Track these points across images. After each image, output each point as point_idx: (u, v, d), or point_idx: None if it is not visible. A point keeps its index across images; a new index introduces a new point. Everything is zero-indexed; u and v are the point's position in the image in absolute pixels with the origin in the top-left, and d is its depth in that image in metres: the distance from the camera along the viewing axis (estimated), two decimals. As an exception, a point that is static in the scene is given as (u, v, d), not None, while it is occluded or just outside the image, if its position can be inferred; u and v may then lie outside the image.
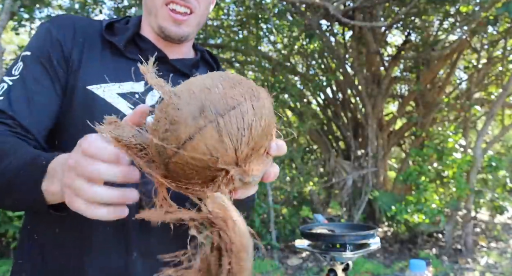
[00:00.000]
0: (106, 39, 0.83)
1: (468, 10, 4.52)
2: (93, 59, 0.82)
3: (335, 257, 1.03)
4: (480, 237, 5.13)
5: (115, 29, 0.86)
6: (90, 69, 0.80)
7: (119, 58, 0.84)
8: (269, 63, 5.27)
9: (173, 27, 0.83)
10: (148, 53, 0.80)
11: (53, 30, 0.81)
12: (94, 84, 0.79)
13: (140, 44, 0.86)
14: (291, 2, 4.49)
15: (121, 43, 0.83)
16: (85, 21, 0.86)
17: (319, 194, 5.28)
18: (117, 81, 0.81)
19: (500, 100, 4.40)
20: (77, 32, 0.83)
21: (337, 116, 5.73)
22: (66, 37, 0.81)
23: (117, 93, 0.80)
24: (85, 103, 0.79)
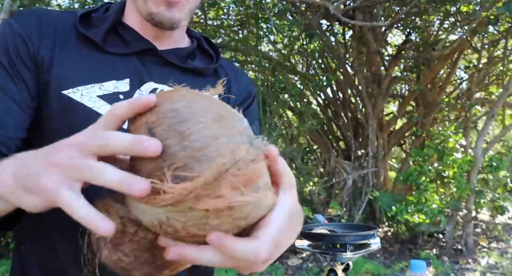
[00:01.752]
0: (81, 33, 0.72)
1: (469, 10, 4.52)
2: (66, 58, 0.70)
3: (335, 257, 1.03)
4: (481, 237, 5.12)
5: (91, 20, 0.74)
6: (63, 70, 0.69)
7: (98, 54, 0.72)
8: (269, 63, 5.26)
9: (165, 12, 0.71)
10: (133, 44, 0.74)
11: (15, 25, 0.69)
12: (70, 87, 0.68)
13: (123, 34, 0.74)
14: (291, 2, 4.48)
15: (99, 37, 0.72)
16: (54, 13, 0.75)
17: (319, 194, 5.27)
18: (97, 81, 0.70)
19: (500, 100, 4.39)
20: (44, 26, 0.71)
21: (337, 116, 5.72)
22: (31, 33, 0.69)
23: (97, 95, 0.70)
24: (61, 110, 0.68)
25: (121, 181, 0.38)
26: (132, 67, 0.73)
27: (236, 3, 5.23)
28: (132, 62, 0.74)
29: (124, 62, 0.73)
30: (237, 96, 0.87)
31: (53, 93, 0.68)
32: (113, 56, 0.73)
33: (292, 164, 5.90)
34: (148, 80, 0.74)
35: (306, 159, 6.10)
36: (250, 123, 0.85)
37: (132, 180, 0.38)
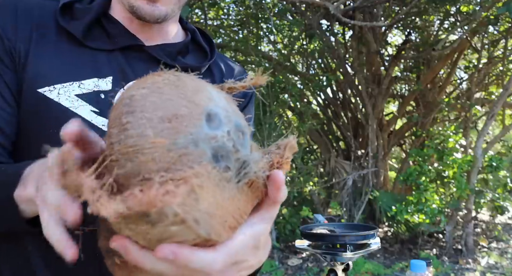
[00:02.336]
0: (62, 26, 0.66)
1: (469, 10, 4.52)
2: (43, 52, 0.64)
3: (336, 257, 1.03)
4: (481, 237, 5.12)
5: (74, 11, 0.68)
6: (39, 66, 0.63)
7: (78, 49, 0.66)
8: (269, 63, 5.26)
9: (146, 6, 0.64)
10: (118, 39, 0.68)
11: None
12: (46, 85, 0.62)
13: (108, 28, 0.68)
14: (291, 2, 4.48)
15: (80, 30, 0.66)
16: (32, 3, 0.67)
17: (319, 194, 5.27)
18: (76, 79, 0.64)
19: (500, 100, 4.39)
20: (19, 16, 0.64)
21: (337, 116, 5.72)
22: (6, 25, 0.63)
23: (76, 94, 0.64)
24: (36, 110, 0.62)
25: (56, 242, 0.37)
26: (115, 64, 0.68)
27: (236, 3, 5.23)
28: (115, 59, 0.68)
29: (107, 58, 0.68)
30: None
31: (27, 90, 0.62)
32: (95, 52, 0.67)
33: (292, 164, 5.90)
34: (132, 79, 0.67)
35: (306, 159, 6.10)
36: None
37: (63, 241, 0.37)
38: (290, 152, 0.41)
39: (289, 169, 0.41)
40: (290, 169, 0.53)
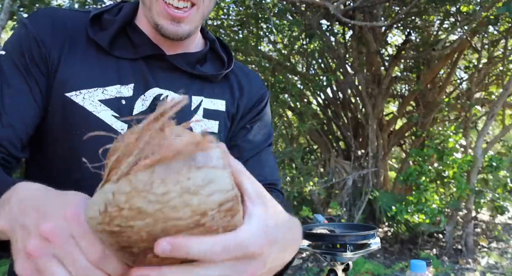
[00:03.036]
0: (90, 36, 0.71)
1: (469, 10, 4.52)
2: (73, 60, 0.70)
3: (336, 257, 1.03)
4: (481, 237, 5.12)
5: (102, 21, 0.73)
6: (69, 72, 0.69)
7: (104, 58, 0.71)
8: (269, 63, 5.26)
9: (170, 26, 0.69)
10: (141, 48, 0.73)
11: (29, 26, 0.69)
12: (73, 90, 0.68)
13: (133, 37, 0.73)
14: (291, 2, 4.48)
15: (106, 41, 0.71)
16: (67, 13, 0.74)
17: (319, 194, 5.27)
18: (100, 85, 0.70)
19: (500, 100, 4.39)
20: (56, 27, 0.70)
21: (337, 116, 5.72)
22: (44, 33, 0.69)
23: (99, 99, 0.69)
24: (62, 113, 0.68)
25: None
26: (138, 72, 0.73)
27: (236, 3, 5.23)
28: (139, 67, 0.73)
29: (130, 66, 0.72)
30: (248, 100, 0.84)
31: (56, 94, 0.68)
32: (120, 60, 0.72)
33: (292, 164, 5.90)
34: (153, 86, 0.73)
35: (306, 159, 6.10)
36: (263, 128, 0.84)
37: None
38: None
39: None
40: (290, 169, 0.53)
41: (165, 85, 0.74)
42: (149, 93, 0.73)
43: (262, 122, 0.85)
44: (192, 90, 0.77)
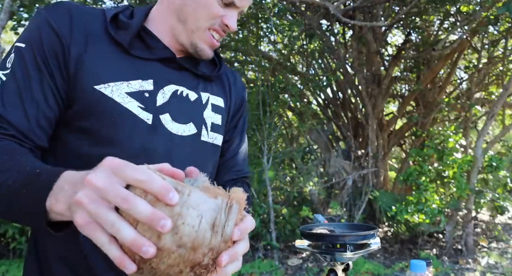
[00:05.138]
0: (111, 34, 0.78)
1: (469, 10, 4.52)
2: (98, 55, 0.75)
3: (335, 257, 1.03)
4: (481, 237, 5.12)
5: (119, 22, 0.80)
6: (96, 67, 0.74)
7: (124, 55, 0.78)
8: (269, 63, 5.26)
9: (208, 51, 0.84)
10: (157, 51, 0.82)
11: (50, 20, 0.73)
12: (102, 83, 0.74)
13: (148, 41, 0.82)
14: (291, 2, 4.48)
15: (126, 41, 0.78)
16: (84, 10, 0.79)
17: (319, 194, 5.27)
18: (124, 79, 0.76)
19: (500, 100, 4.39)
20: (75, 25, 0.75)
21: (337, 116, 5.72)
22: (64, 27, 0.74)
23: (126, 92, 0.75)
24: (91, 104, 0.73)
25: (133, 241, 0.44)
26: (154, 70, 0.81)
27: (236, 3, 5.22)
28: (154, 66, 0.81)
29: (146, 65, 0.80)
30: (236, 99, 0.97)
31: (85, 86, 0.73)
32: (137, 59, 0.79)
33: (292, 164, 5.90)
34: (170, 83, 0.82)
35: (306, 159, 6.10)
36: (243, 126, 1.00)
37: (140, 242, 0.44)
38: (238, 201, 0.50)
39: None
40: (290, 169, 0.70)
41: (179, 82, 0.84)
42: (168, 88, 0.81)
43: (242, 121, 1.00)
44: (200, 88, 0.88)
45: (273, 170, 4.97)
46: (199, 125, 0.85)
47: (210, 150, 0.88)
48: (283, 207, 5.01)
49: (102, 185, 0.45)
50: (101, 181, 0.45)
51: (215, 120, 0.89)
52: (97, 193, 0.46)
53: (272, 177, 4.88)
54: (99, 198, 0.45)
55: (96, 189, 0.45)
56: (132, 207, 0.44)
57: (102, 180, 0.46)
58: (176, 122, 0.80)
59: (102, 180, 0.46)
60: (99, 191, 0.45)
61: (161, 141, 0.78)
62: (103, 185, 0.45)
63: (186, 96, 0.84)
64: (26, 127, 0.70)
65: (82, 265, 0.75)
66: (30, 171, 0.59)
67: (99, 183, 0.45)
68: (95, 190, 0.46)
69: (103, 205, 0.45)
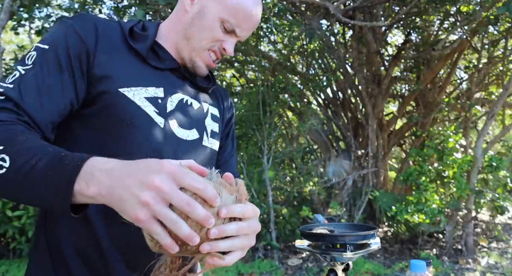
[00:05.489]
0: (130, 45, 0.87)
1: (469, 10, 4.52)
2: (121, 63, 0.84)
3: (335, 257, 1.03)
4: (481, 237, 5.12)
5: (135, 34, 0.90)
6: (120, 72, 0.83)
7: (142, 64, 0.87)
8: (269, 63, 5.26)
9: (204, 69, 0.94)
10: (166, 62, 0.93)
11: (76, 27, 0.82)
12: (125, 86, 0.82)
13: (160, 53, 0.91)
14: (291, 2, 4.48)
15: (144, 51, 0.87)
16: (104, 23, 0.87)
17: (319, 194, 5.27)
18: (143, 85, 0.85)
19: (500, 100, 4.39)
20: (100, 34, 0.84)
21: (337, 116, 5.72)
22: (90, 37, 0.82)
23: (144, 97, 0.84)
24: (115, 103, 0.81)
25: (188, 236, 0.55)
26: (165, 80, 0.90)
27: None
28: (165, 75, 0.91)
29: (160, 74, 0.90)
30: (227, 114, 1.09)
31: (111, 88, 0.81)
32: (152, 68, 0.89)
33: (292, 164, 5.90)
34: (176, 92, 0.91)
35: (306, 159, 6.10)
36: (233, 136, 1.15)
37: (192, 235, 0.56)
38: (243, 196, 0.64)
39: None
40: (290, 169, 0.83)
41: (184, 92, 0.94)
42: (175, 96, 0.91)
43: (232, 131, 1.13)
44: (201, 98, 0.99)
45: (273, 170, 4.97)
46: (201, 131, 0.94)
47: (209, 155, 0.97)
48: (283, 207, 5.01)
49: (168, 191, 0.54)
50: (167, 187, 0.54)
51: (214, 127, 0.99)
52: (160, 195, 0.54)
53: (272, 177, 4.88)
54: (162, 200, 0.55)
55: (161, 192, 0.54)
56: (192, 210, 0.54)
57: (167, 185, 0.54)
58: (182, 128, 0.89)
59: (167, 185, 0.54)
60: (163, 194, 0.54)
61: (170, 144, 0.86)
62: (168, 191, 0.54)
63: (190, 105, 0.94)
64: (40, 118, 0.75)
65: (98, 257, 0.81)
66: (55, 153, 0.64)
67: (165, 188, 0.54)
68: (159, 193, 0.54)
69: (165, 205, 0.55)
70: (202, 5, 0.90)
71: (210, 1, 0.90)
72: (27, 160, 0.63)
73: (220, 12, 0.89)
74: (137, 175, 0.57)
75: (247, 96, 5.28)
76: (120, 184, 0.57)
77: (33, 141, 0.68)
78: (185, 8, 0.92)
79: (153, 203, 0.54)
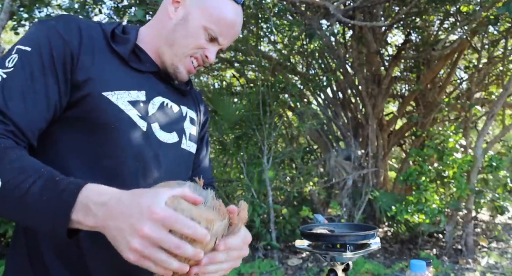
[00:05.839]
0: (112, 47, 0.86)
1: (469, 10, 4.51)
2: (104, 65, 0.83)
3: (335, 257, 1.03)
4: (481, 237, 5.12)
5: (116, 37, 0.89)
6: (104, 75, 0.82)
7: (124, 67, 0.87)
8: (269, 63, 5.26)
9: (185, 75, 0.94)
10: (147, 64, 0.92)
11: (59, 29, 0.80)
12: (109, 90, 0.81)
13: (141, 56, 0.91)
14: (291, 2, 4.48)
15: (126, 54, 0.87)
16: (87, 24, 0.86)
17: (319, 194, 5.27)
18: (126, 88, 0.84)
19: (500, 100, 4.39)
20: (83, 36, 0.82)
21: (337, 116, 5.72)
22: (74, 39, 0.80)
23: (128, 100, 0.84)
24: (98, 108, 0.80)
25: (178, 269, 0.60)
26: (146, 83, 0.90)
27: (236, 3, 5.21)
28: (146, 78, 0.91)
29: (141, 77, 0.90)
30: (202, 117, 1.10)
31: (94, 92, 0.80)
32: (134, 71, 0.89)
33: (292, 164, 5.90)
34: (157, 95, 0.91)
35: (306, 159, 6.10)
36: (207, 139, 1.16)
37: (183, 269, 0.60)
38: (241, 220, 0.69)
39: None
40: (290, 169, 0.86)
41: (165, 95, 0.94)
42: (156, 99, 0.91)
43: (207, 134, 1.15)
44: (180, 101, 0.99)
45: (273, 170, 4.97)
46: (180, 134, 0.95)
47: (187, 157, 0.99)
48: (283, 207, 5.01)
49: (157, 238, 0.57)
50: (155, 235, 0.57)
51: (192, 131, 1.01)
52: (150, 241, 0.58)
53: (272, 177, 4.88)
54: (151, 245, 0.58)
55: (150, 239, 0.58)
56: (182, 252, 0.58)
57: (155, 233, 0.57)
58: (163, 131, 0.90)
59: (156, 234, 0.57)
60: (153, 240, 0.58)
61: (152, 147, 0.87)
62: (157, 238, 0.57)
63: (170, 107, 0.94)
64: (26, 126, 0.73)
65: (77, 259, 0.79)
66: (48, 177, 0.65)
67: (154, 236, 0.57)
68: (149, 240, 0.58)
69: (154, 249, 0.58)
70: (186, 12, 0.90)
71: (194, 9, 0.90)
72: (20, 182, 0.64)
73: (203, 20, 0.89)
74: (129, 220, 0.59)
75: (247, 96, 5.28)
76: (114, 224, 0.61)
77: (24, 159, 0.68)
78: (168, 15, 0.92)
79: (141, 249, 0.58)
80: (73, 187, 0.64)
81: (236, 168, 5.54)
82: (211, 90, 5.50)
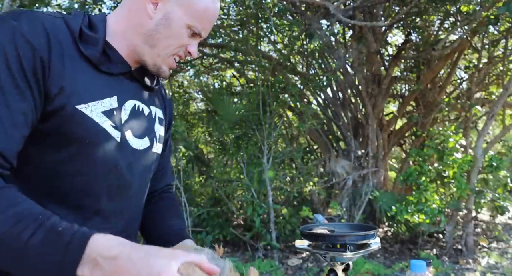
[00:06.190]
0: (81, 51, 0.78)
1: (469, 10, 4.51)
2: (75, 73, 0.76)
3: (335, 257, 1.03)
4: (481, 237, 5.12)
5: (84, 36, 0.80)
6: (76, 86, 0.75)
7: (94, 72, 0.80)
8: (269, 63, 5.26)
9: (167, 72, 0.91)
10: (118, 65, 0.86)
11: (24, 31, 0.70)
12: (82, 103, 0.75)
13: (111, 56, 0.84)
14: (291, 2, 4.48)
15: (96, 57, 0.80)
16: (52, 22, 0.75)
17: (319, 194, 5.27)
18: (98, 98, 0.79)
19: (501, 100, 4.39)
20: (51, 38, 0.73)
21: (337, 116, 5.72)
22: (42, 43, 0.71)
23: (101, 111, 0.78)
24: (74, 121, 0.74)
25: None
26: (117, 86, 0.85)
27: (236, 3, 5.23)
28: (117, 82, 0.85)
29: (112, 81, 0.84)
30: (169, 114, 1.06)
31: (68, 105, 0.74)
32: (105, 75, 0.82)
33: (292, 164, 5.89)
34: (129, 98, 0.87)
35: (306, 159, 6.10)
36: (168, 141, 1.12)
37: None
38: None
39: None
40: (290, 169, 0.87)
41: (135, 96, 0.89)
42: (128, 103, 0.86)
43: (169, 133, 1.10)
44: (149, 101, 0.95)
45: (273, 170, 4.97)
46: (151, 138, 0.93)
47: (155, 160, 0.97)
48: (283, 207, 5.01)
49: None
50: None
51: (161, 132, 0.98)
52: None
53: (272, 177, 4.88)
54: None
55: None
56: None
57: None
58: (136, 138, 0.87)
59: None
60: None
61: (126, 156, 0.84)
62: None
63: (142, 111, 0.90)
64: (9, 150, 0.68)
65: None
66: (49, 228, 0.62)
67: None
68: None
69: None
70: (167, 11, 0.84)
71: (175, 7, 0.84)
72: (18, 233, 0.60)
73: (186, 19, 0.85)
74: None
75: (247, 96, 5.28)
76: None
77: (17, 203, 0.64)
78: (147, 13, 0.84)
79: None
80: (79, 239, 0.62)
81: (236, 168, 5.54)
82: (211, 90, 5.50)
